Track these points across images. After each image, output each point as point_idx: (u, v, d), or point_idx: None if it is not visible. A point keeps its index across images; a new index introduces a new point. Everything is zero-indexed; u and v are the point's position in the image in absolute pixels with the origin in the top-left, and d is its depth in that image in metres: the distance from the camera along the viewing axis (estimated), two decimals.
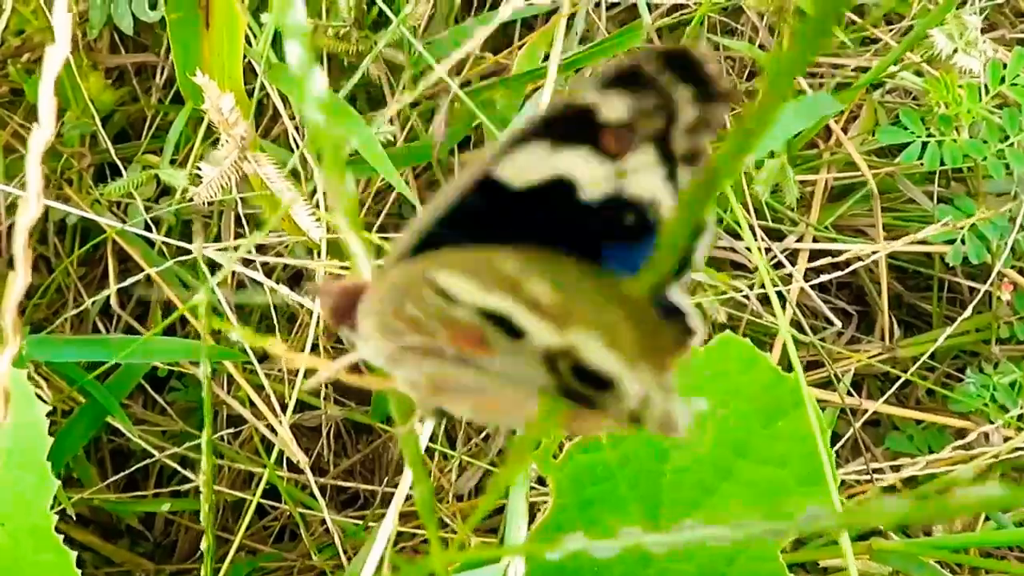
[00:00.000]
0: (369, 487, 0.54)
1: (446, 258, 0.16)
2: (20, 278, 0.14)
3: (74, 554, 0.26)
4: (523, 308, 0.15)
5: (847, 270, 0.47)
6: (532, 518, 0.29)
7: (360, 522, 0.50)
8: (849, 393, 0.60)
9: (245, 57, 0.39)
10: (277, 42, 0.49)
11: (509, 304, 0.15)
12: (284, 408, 0.48)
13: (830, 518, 0.14)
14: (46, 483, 0.26)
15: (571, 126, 0.15)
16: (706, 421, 0.28)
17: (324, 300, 0.18)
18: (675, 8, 0.62)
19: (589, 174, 0.16)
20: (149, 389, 0.55)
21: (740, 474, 0.29)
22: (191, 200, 0.33)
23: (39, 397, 0.47)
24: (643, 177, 0.16)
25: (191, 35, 0.31)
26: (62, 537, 0.26)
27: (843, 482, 0.55)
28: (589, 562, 0.28)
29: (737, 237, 0.53)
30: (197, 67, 0.31)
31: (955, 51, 0.36)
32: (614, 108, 0.15)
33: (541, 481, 0.36)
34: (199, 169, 0.32)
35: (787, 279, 0.56)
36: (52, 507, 0.41)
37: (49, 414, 0.52)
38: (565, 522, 0.28)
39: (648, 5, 0.62)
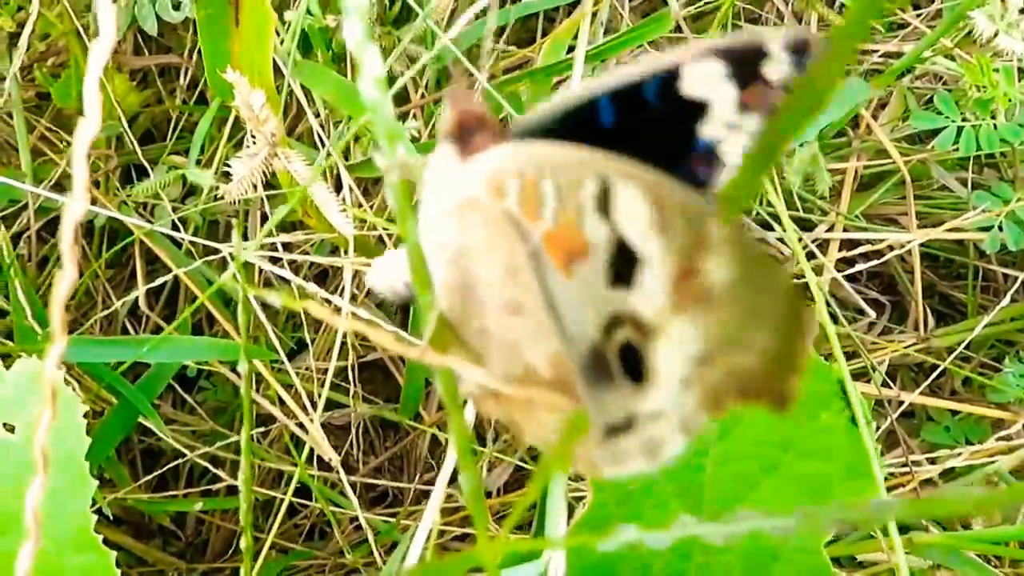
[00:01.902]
0: (399, 484, 0.54)
1: (622, 166, 0.15)
2: (67, 276, 0.13)
3: (114, 554, 0.26)
4: (662, 270, 0.14)
5: (880, 260, 0.46)
6: (569, 514, 0.28)
7: (391, 520, 0.50)
8: (884, 384, 0.59)
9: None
10: (302, 40, 0.49)
11: (656, 250, 0.14)
12: (314, 406, 0.48)
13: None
14: (85, 485, 0.26)
15: (744, 63, 0.16)
16: (746, 414, 0.28)
17: (454, 104, 0.17)
18: None
19: (725, 114, 0.17)
20: (178, 389, 0.55)
21: (784, 468, 0.28)
22: (220, 199, 0.33)
23: None
24: (742, 137, 0.17)
25: (220, 32, 0.31)
26: (100, 537, 0.26)
27: (885, 476, 0.54)
28: (630, 557, 0.28)
29: (768, 228, 0.53)
30: (227, 64, 0.31)
31: (996, 33, 0.35)
32: (777, 69, 0.16)
33: (576, 476, 0.35)
34: (228, 167, 0.32)
35: (818, 269, 0.55)
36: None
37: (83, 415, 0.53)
38: (604, 517, 0.28)
39: None
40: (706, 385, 0.15)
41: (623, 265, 0.15)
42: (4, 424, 0.28)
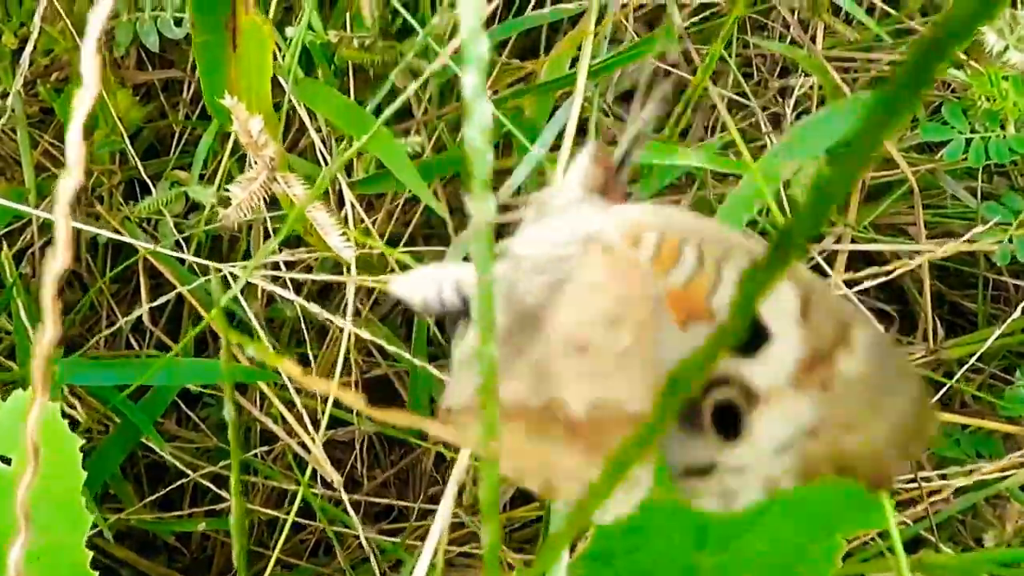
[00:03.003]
0: (404, 503, 0.54)
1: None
2: (48, 330, 0.13)
3: None
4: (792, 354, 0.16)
5: (890, 276, 0.46)
6: (572, 545, 0.28)
7: (395, 539, 0.50)
8: None
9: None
10: (304, 55, 0.49)
11: (793, 336, 0.16)
12: (316, 425, 0.48)
13: None
14: (81, 521, 0.25)
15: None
16: None
17: (596, 159, 0.19)
18: (703, 7, 0.61)
19: None
20: (182, 405, 0.55)
21: (792, 494, 0.28)
22: (220, 220, 0.33)
23: (72, 418, 0.47)
24: None
25: (218, 57, 0.31)
26: (93, 554, 0.26)
27: (895, 491, 0.54)
28: None
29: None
30: (224, 89, 0.30)
31: (1006, 48, 0.35)
32: None
33: None
34: (228, 191, 0.31)
35: (828, 281, 0.55)
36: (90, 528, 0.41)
37: (85, 432, 0.53)
38: (607, 549, 0.27)
39: (677, 5, 0.61)
40: (806, 455, 0.16)
41: (750, 338, 0.16)
42: (0, 456, 0.28)
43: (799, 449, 0.16)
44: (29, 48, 0.49)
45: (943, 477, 0.54)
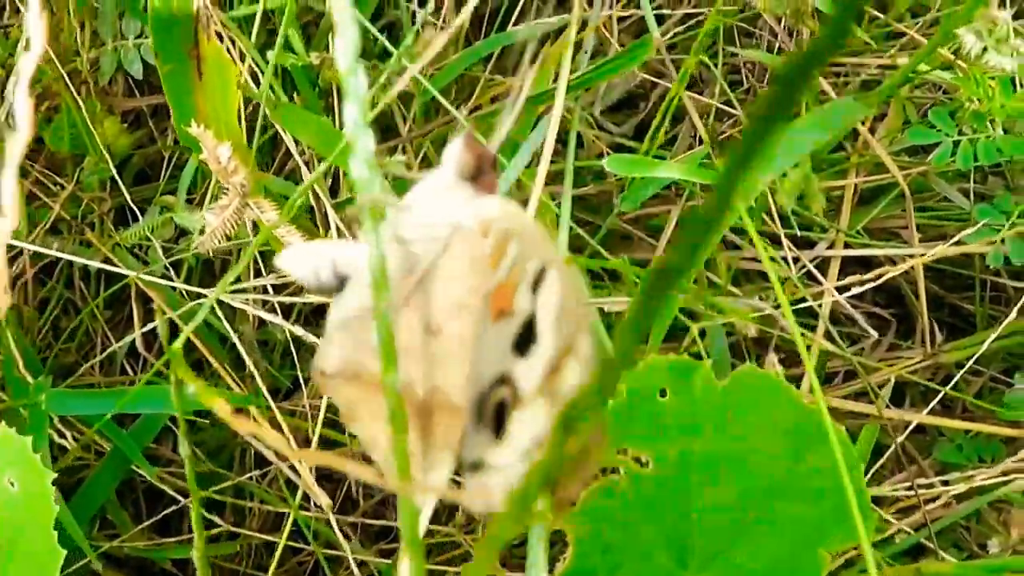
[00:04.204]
0: (392, 523, 0.54)
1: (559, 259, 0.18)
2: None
3: None
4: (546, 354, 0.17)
5: (882, 279, 0.45)
6: (551, 566, 0.28)
7: (390, 561, 0.49)
8: (892, 404, 0.57)
9: (250, 99, 0.39)
10: (286, 79, 0.49)
11: (548, 337, 0.17)
12: (308, 444, 0.48)
13: None
14: (54, 555, 0.25)
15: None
16: (729, 460, 0.27)
17: (469, 146, 0.20)
18: (688, 16, 0.61)
19: None
20: (176, 431, 0.55)
21: (772, 513, 0.27)
22: (195, 247, 0.33)
23: (61, 446, 0.47)
24: None
25: (184, 86, 0.31)
26: None
27: (895, 498, 0.53)
28: None
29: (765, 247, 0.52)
30: (192, 117, 0.30)
31: (985, 49, 0.34)
32: None
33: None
34: (203, 219, 0.31)
35: (820, 288, 0.54)
36: (83, 555, 0.40)
37: (77, 459, 0.53)
38: (587, 569, 0.27)
39: (661, 16, 0.61)
40: (531, 464, 0.17)
41: (527, 337, 0.17)
42: None
43: (530, 457, 0.17)
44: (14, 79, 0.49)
45: (945, 483, 0.54)
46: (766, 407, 0.27)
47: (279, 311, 0.46)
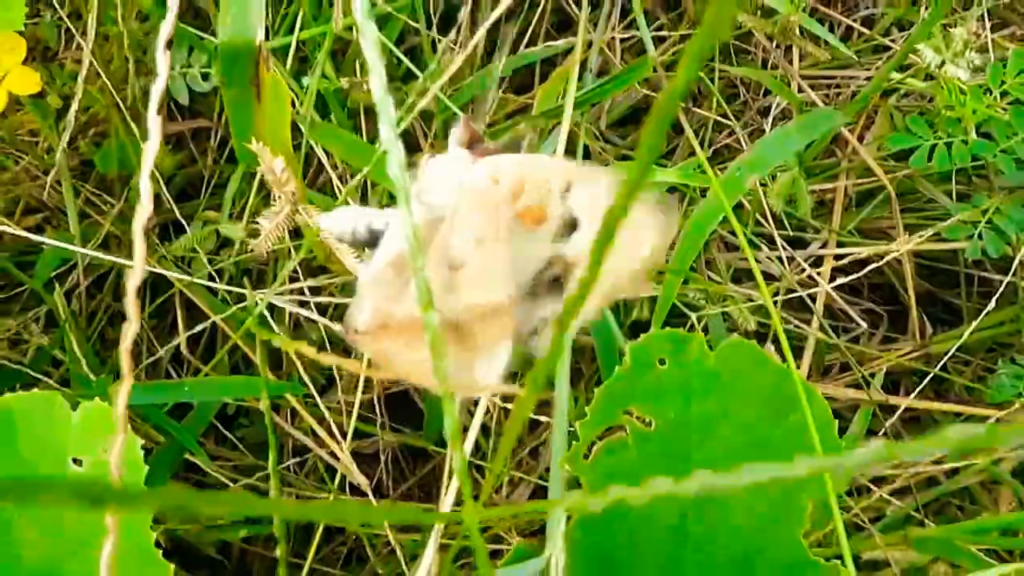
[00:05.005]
0: (425, 505, 0.58)
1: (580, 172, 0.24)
2: (132, 328, 0.17)
3: (171, 567, 0.30)
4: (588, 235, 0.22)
5: (867, 269, 0.50)
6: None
7: (418, 536, 0.54)
8: (887, 393, 0.61)
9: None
10: (318, 100, 0.54)
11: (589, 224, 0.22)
12: (344, 436, 0.52)
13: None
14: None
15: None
16: (722, 420, 0.31)
17: (466, 125, 0.25)
18: (686, 37, 0.66)
19: None
20: (220, 427, 0.59)
21: (758, 470, 0.31)
22: (250, 251, 0.37)
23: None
24: None
25: (244, 108, 0.36)
26: (159, 552, 0.30)
27: (883, 478, 0.57)
28: (626, 552, 0.31)
29: (759, 248, 0.56)
30: (251, 135, 0.35)
31: (943, 63, 0.38)
32: None
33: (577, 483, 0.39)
34: (256, 223, 0.36)
35: (813, 284, 0.58)
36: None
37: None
38: (598, 520, 0.31)
39: (662, 37, 0.66)
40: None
41: (566, 229, 0.22)
42: (73, 459, 0.32)
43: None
44: (74, 107, 0.54)
45: (937, 462, 0.57)
46: (753, 374, 0.32)
47: (315, 310, 0.50)
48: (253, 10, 0.33)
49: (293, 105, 0.48)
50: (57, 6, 0.55)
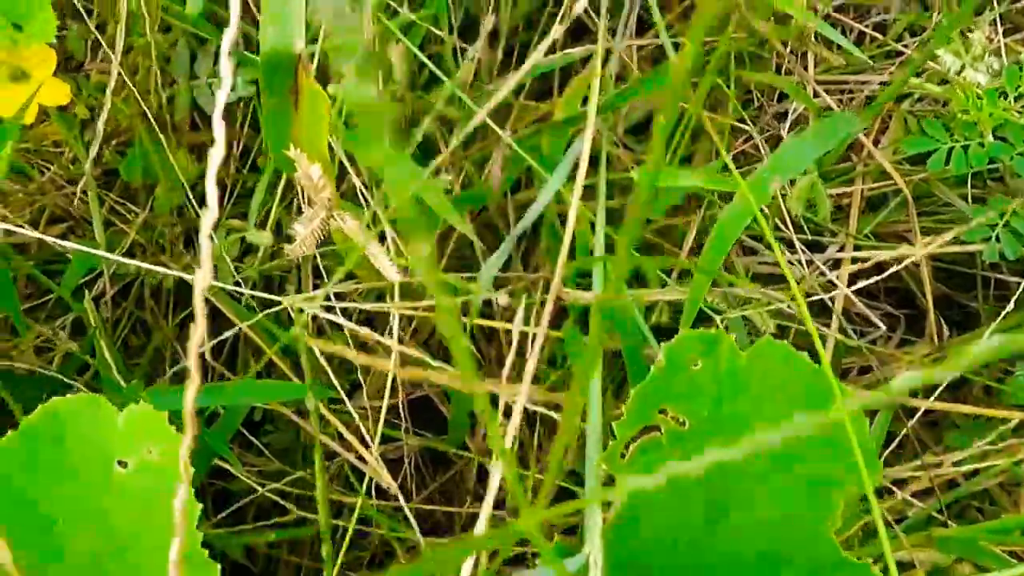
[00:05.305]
0: (451, 508, 0.58)
1: None
2: (199, 329, 0.18)
3: (219, 566, 0.31)
4: None
5: (886, 274, 0.50)
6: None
7: (445, 539, 0.54)
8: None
9: None
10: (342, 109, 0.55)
11: None
12: (372, 438, 0.53)
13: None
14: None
15: None
16: (754, 418, 0.32)
17: None
18: (703, 43, 0.66)
19: None
20: (246, 433, 0.60)
21: (790, 465, 0.32)
22: (284, 257, 0.38)
23: None
24: None
25: (283, 117, 0.37)
26: (205, 552, 0.31)
27: (904, 480, 0.57)
28: (656, 550, 0.32)
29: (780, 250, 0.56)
30: (289, 144, 0.36)
31: (963, 67, 0.39)
32: None
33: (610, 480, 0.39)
34: (292, 229, 0.37)
35: (831, 287, 0.59)
36: None
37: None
38: (635, 512, 0.32)
39: (675, 44, 0.67)
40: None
41: None
42: (119, 461, 0.33)
43: None
44: (102, 118, 0.55)
45: (959, 464, 0.58)
46: (783, 373, 0.32)
47: (339, 314, 0.51)
48: (293, 22, 0.34)
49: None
50: (86, 17, 0.56)
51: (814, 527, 0.32)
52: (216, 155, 0.20)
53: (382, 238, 0.53)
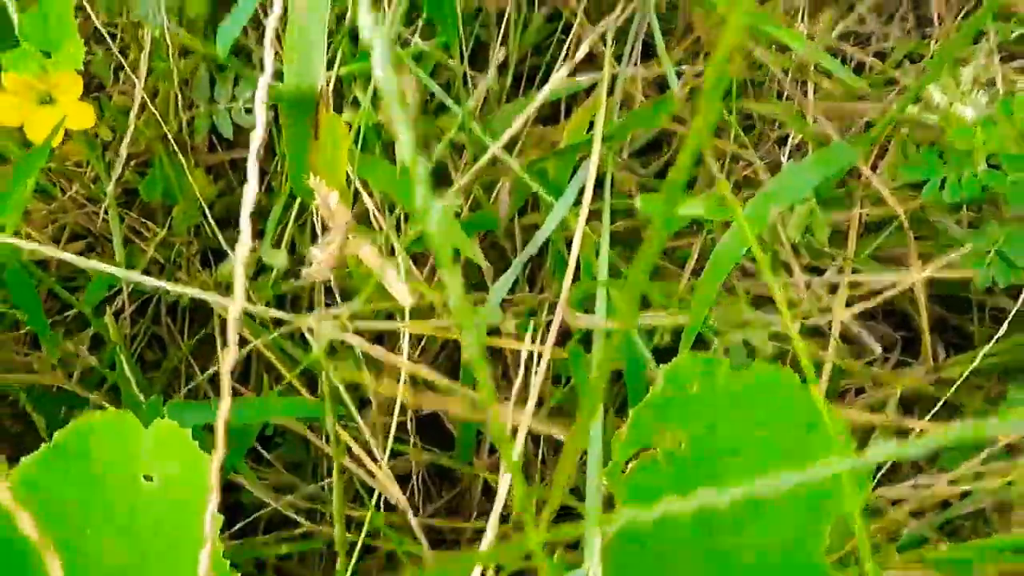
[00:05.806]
0: (457, 523, 0.60)
1: None
2: (232, 350, 0.20)
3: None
4: None
5: (882, 297, 0.52)
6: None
7: (453, 551, 0.55)
8: (900, 414, 0.63)
9: None
10: (356, 134, 0.57)
11: None
12: (380, 453, 0.54)
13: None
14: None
15: None
16: (748, 441, 0.33)
17: None
18: (703, 73, 0.68)
19: None
20: (257, 447, 0.62)
21: (785, 489, 0.33)
22: (300, 278, 0.40)
23: None
24: None
25: (302, 145, 0.39)
26: (227, 563, 0.32)
27: (896, 500, 0.59)
28: (654, 568, 0.33)
29: (777, 275, 0.58)
30: (307, 170, 0.38)
31: (951, 103, 0.41)
32: None
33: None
34: (309, 253, 0.38)
35: (827, 310, 0.60)
36: None
37: None
38: (633, 530, 0.33)
39: (678, 72, 0.69)
40: None
41: None
42: (144, 476, 0.35)
43: None
44: (126, 140, 0.57)
45: (952, 483, 0.59)
46: (776, 397, 0.34)
47: (350, 330, 0.53)
48: (316, 57, 0.36)
49: None
50: (110, 42, 0.59)
51: (807, 546, 0.34)
52: (249, 194, 0.21)
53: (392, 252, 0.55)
